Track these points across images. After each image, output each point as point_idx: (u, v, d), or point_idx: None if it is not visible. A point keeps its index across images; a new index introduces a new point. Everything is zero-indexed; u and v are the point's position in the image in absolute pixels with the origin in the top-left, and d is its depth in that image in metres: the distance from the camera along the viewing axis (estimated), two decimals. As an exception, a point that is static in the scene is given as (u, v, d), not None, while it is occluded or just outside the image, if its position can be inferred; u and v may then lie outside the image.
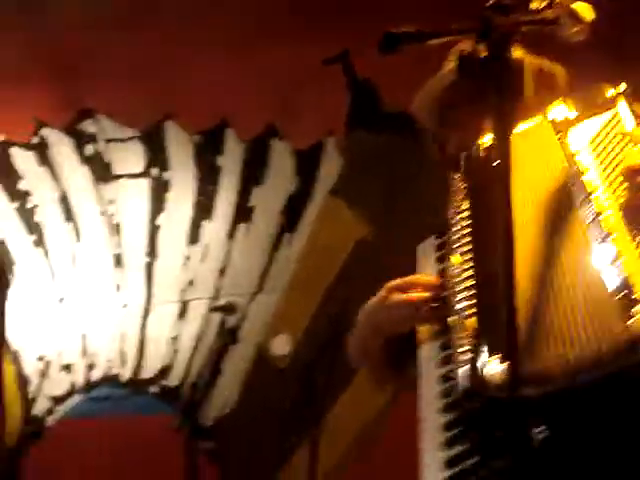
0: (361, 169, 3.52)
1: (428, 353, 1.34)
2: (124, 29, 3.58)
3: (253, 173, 3.59)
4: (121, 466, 3.45)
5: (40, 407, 3.53)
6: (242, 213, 3.58)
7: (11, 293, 3.57)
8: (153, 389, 3.51)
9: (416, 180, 3.22)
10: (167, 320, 3.53)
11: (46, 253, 3.66)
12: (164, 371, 3.51)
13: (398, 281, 1.41)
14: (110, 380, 3.54)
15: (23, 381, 3.54)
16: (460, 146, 1.49)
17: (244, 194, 3.58)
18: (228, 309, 3.35)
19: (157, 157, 3.62)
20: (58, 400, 3.55)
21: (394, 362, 1.46)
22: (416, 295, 1.37)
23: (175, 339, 3.51)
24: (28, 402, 3.51)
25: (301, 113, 3.56)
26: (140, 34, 3.57)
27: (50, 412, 3.54)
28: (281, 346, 3.34)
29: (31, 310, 3.59)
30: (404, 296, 1.38)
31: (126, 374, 3.54)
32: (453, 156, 1.49)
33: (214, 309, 3.39)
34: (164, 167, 3.61)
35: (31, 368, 3.55)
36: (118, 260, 3.61)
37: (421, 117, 1.57)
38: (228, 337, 3.39)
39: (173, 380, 3.49)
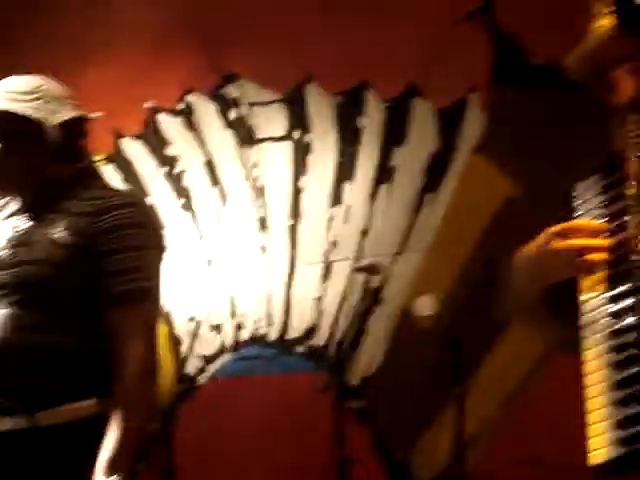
0: (506, 126, 3.43)
1: (594, 304, 1.27)
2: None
3: (394, 133, 3.55)
4: (269, 423, 3.52)
5: (192, 366, 3.65)
6: (383, 173, 3.55)
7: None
8: (300, 349, 3.56)
9: (568, 133, 3.11)
10: (311, 281, 3.57)
11: (194, 216, 3.75)
12: (310, 331, 3.55)
13: (560, 226, 1.32)
14: (258, 340, 3.62)
15: (175, 341, 3.66)
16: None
17: (385, 154, 3.56)
18: (371, 270, 3.35)
19: (299, 120, 3.64)
20: (209, 359, 3.66)
21: (553, 312, 1.40)
22: (582, 242, 1.30)
23: (320, 300, 3.54)
24: (180, 361, 3.63)
25: (442, 70, 3.49)
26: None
27: (201, 371, 3.65)
28: (425, 307, 3.31)
29: (181, 272, 3.70)
30: (569, 242, 1.30)
31: (273, 334, 3.61)
32: (629, 101, 1.38)
33: (358, 270, 3.39)
34: (306, 129, 3.63)
35: (182, 328, 3.67)
36: (263, 223, 3.67)
37: (580, 73, 1.48)
38: (372, 298, 3.39)
39: (319, 340, 3.53)
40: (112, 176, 3.83)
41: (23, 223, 2.12)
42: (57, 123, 2.11)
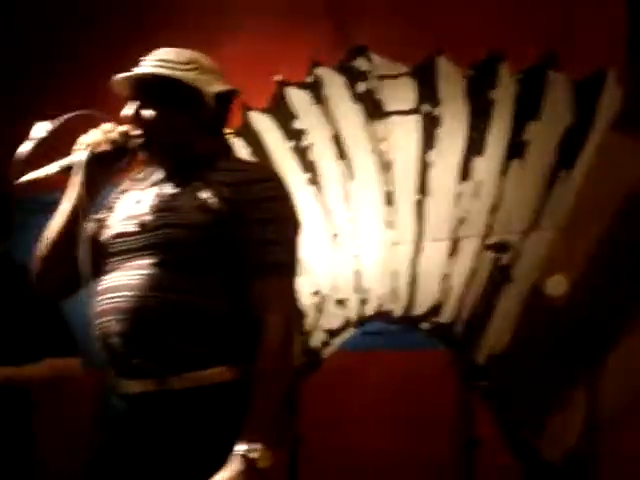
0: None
1: None
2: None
3: (527, 107, 3.44)
4: (393, 399, 3.50)
5: (316, 340, 3.66)
6: (515, 148, 3.45)
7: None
8: (425, 325, 3.52)
9: None
10: (438, 258, 3.51)
11: (320, 191, 3.75)
12: (436, 308, 3.50)
13: None
14: (383, 316, 3.60)
15: (301, 315, 3.68)
16: None
17: (517, 129, 3.45)
18: (501, 247, 3.28)
19: (428, 93, 3.57)
20: (333, 333, 3.66)
21: None
22: None
23: (446, 277, 3.49)
24: (305, 335, 3.64)
25: (578, 42, 3.37)
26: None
27: (326, 345, 3.66)
28: (556, 286, 3.22)
29: (307, 246, 3.70)
30: None
31: (398, 310, 3.58)
32: None
33: (487, 247, 3.32)
34: (435, 103, 3.56)
35: (307, 302, 3.68)
36: (389, 197, 3.63)
37: None
38: (501, 275, 3.32)
39: (445, 317, 3.48)
40: (240, 150, 3.86)
41: (168, 190, 2.16)
42: (213, 94, 2.15)
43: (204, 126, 2.18)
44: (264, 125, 3.86)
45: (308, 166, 3.78)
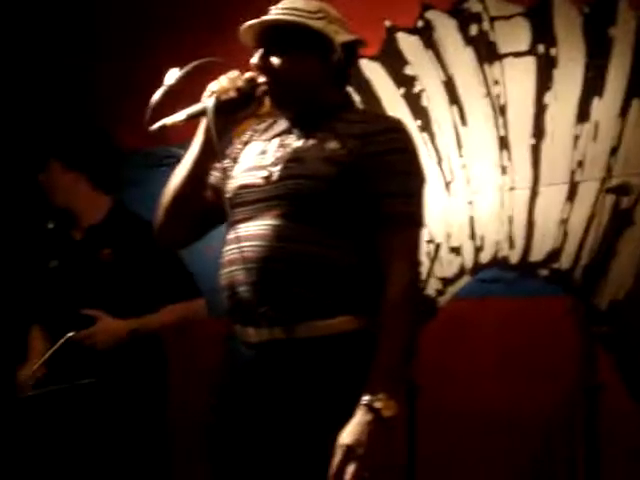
0: None
1: None
2: None
3: (649, 43, 3.31)
4: (510, 346, 3.46)
5: (431, 288, 3.64)
6: (635, 88, 3.31)
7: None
8: (543, 272, 3.44)
9: None
10: (555, 202, 3.42)
11: (432, 137, 3.70)
12: (554, 254, 3.42)
13: None
14: (499, 263, 3.54)
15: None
16: None
17: (638, 67, 3.32)
18: (622, 190, 3.17)
19: (543, 33, 3.45)
20: (448, 281, 3.63)
21: None
22: None
23: (564, 221, 3.40)
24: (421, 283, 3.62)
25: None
26: None
27: (441, 293, 3.63)
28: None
29: (420, 194, 3.67)
30: None
31: (515, 257, 3.51)
32: None
33: (607, 190, 3.22)
34: (551, 43, 3.44)
35: (422, 251, 3.64)
36: (504, 142, 3.55)
37: None
38: (622, 219, 3.22)
39: (564, 263, 3.40)
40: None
41: (292, 141, 2.16)
42: (341, 42, 2.14)
43: (330, 75, 2.17)
44: (374, 72, 3.82)
45: (419, 112, 3.72)
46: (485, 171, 3.58)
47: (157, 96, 2.14)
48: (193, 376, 3.60)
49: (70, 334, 2.95)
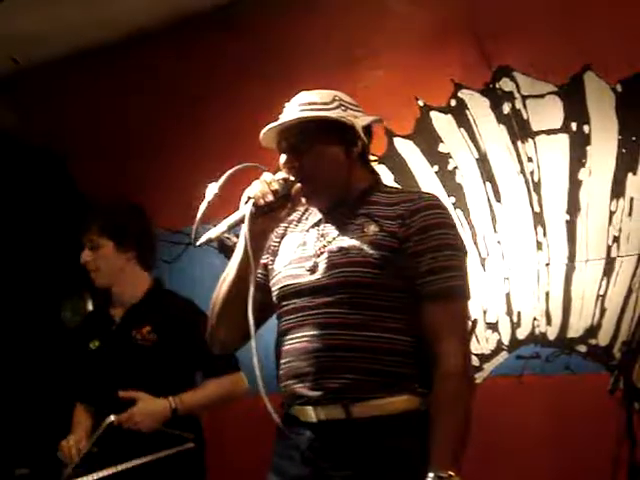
0: None
1: None
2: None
3: (681, 120, 3.33)
4: (549, 424, 3.41)
5: (468, 364, 3.60)
6: (670, 163, 3.34)
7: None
8: (581, 348, 3.41)
9: None
10: (592, 278, 3.41)
11: (467, 214, 3.72)
12: (592, 330, 3.39)
13: None
14: (536, 339, 3.51)
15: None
16: None
17: (671, 143, 3.34)
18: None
19: (576, 110, 3.48)
20: (485, 358, 3.61)
21: None
22: None
23: (602, 297, 3.38)
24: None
25: None
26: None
27: (478, 369, 3.60)
28: None
29: (455, 270, 3.68)
30: None
31: (552, 333, 3.48)
32: None
33: (644, 266, 3.21)
34: (584, 120, 3.46)
35: (465, 323, 3.64)
36: (538, 218, 3.56)
37: None
38: (660, 295, 3.20)
39: (602, 339, 3.36)
40: (385, 176, 3.88)
41: (330, 230, 2.20)
42: (363, 126, 2.19)
43: (357, 160, 2.24)
44: (408, 150, 3.87)
45: (454, 189, 3.75)
46: (520, 247, 3.58)
47: (201, 212, 2.19)
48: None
49: (112, 418, 2.94)
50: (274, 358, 2.22)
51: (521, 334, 3.56)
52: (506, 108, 3.64)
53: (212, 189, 2.22)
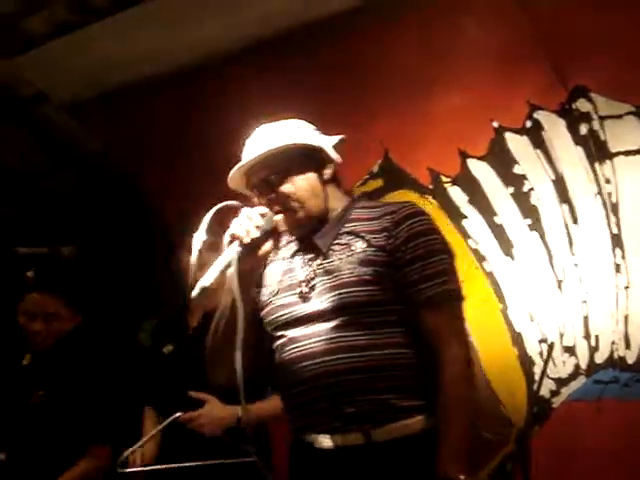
0: None
1: None
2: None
3: None
4: (628, 450, 3.33)
5: (545, 389, 3.55)
6: None
7: (511, 276, 3.68)
8: (663, 373, 3.35)
9: None
10: (673, 301, 3.35)
11: (542, 236, 3.67)
12: (671, 354, 3.32)
13: None
14: (615, 363, 3.45)
15: (528, 363, 3.60)
16: None
17: None
18: None
19: (655, 131, 3.44)
20: (563, 382, 3.55)
21: None
22: None
23: (682, 321, 3.31)
24: (534, 384, 3.55)
25: None
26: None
27: (555, 394, 3.55)
28: None
29: (531, 293, 3.64)
30: None
31: (631, 357, 3.41)
32: None
33: None
34: (663, 141, 3.42)
35: (534, 350, 3.60)
36: (617, 240, 3.50)
37: None
38: None
39: (681, 363, 3.30)
40: (458, 197, 3.87)
41: (317, 255, 2.20)
42: (332, 146, 2.22)
43: (330, 181, 2.25)
44: (483, 172, 3.85)
45: (529, 211, 3.71)
46: (598, 270, 3.53)
47: (193, 263, 2.18)
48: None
49: (178, 414, 2.97)
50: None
51: (599, 358, 3.49)
52: (583, 129, 3.59)
53: (198, 238, 2.19)
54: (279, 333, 2.21)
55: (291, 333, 2.17)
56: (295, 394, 2.16)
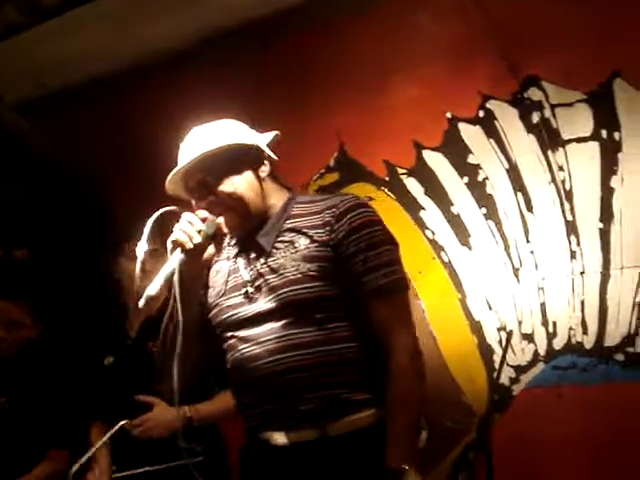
0: None
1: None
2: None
3: None
4: (586, 435, 3.37)
5: (505, 376, 3.58)
6: None
7: (468, 266, 3.70)
8: (618, 357, 3.38)
9: None
10: (628, 286, 3.37)
11: (498, 225, 3.70)
12: (629, 338, 3.35)
13: None
14: (573, 349, 3.48)
15: (487, 351, 3.62)
16: None
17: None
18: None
19: (606, 118, 3.46)
20: (521, 369, 3.58)
21: None
22: None
23: (638, 305, 3.35)
24: (493, 371, 3.57)
25: None
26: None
27: (515, 381, 3.58)
28: None
29: (489, 281, 3.66)
30: None
31: (589, 342, 3.45)
32: None
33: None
34: (614, 127, 3.44)
35: (493, 338, 3.62)
36: (571, 227, 3.53)
37: None
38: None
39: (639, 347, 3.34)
40: (414, 189, 3.88)
41: (260, 253, 2.19)
42: (267, 144, 2.22)
43: (267, 178, 2.26)
44: (438, 162, 3.86)
45: (484, 200, 3.73)
46: (554, 256, 3.56)
47: (138, 272, 2.18)
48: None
49: (123, 422, 2.96)
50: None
51: (557, 344, 3.53)
52: (535, 117, 3.62)
53: (141, 247, 2.20)
54: (228, 334, 2.20)
55: (239, 334, 2.16)
56: (247, 394, 2.16)
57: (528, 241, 3.63)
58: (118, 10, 4.03)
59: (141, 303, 2.06)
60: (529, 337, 3.58)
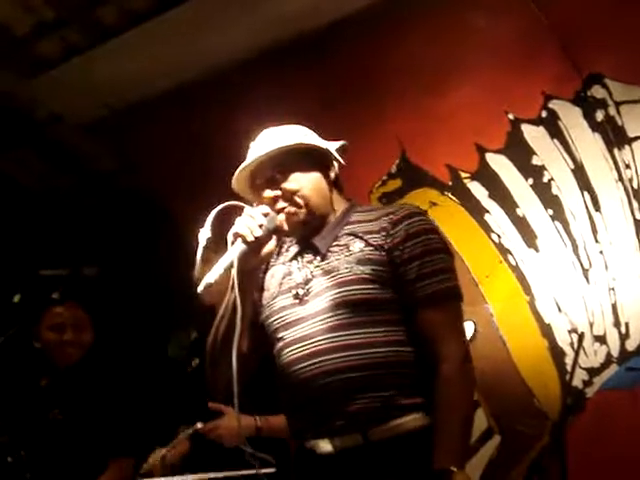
0: None
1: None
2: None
3: None
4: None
5: (578, 379, 3.52)
6: None
7: (536, 268, 3.65)
8: (694, 358, 3.31)
9: None
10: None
11: (565, 225, 3.65)
12: (703, 339, 3.29)
13: None
14: (646, 350, 3.42)
15: (558, 354, 3.57)
16: None
17: None
18: None
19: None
20: (595, 371, 3.52)
21: None
22: None
23: None
24: (566, 374, 3.52)
25: None
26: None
27: (588, 384, 3.52)
28: None
29: (558, 283, 3.61)
30: None
31: (663, 343, 3.39)
32: None
33: None
34: (682, 123, 3.39)
35: (565, 341, 3.57)
36: (640, 225, 3.48)
37: None
38: None
39: None
40: (478, 192, 3.84)
41: (316, 256, 2.20)
42: (336, 150, 2.22)
43: (333, 183, 2.27)
44: (501, 165, 3.82)
45: (550, 202, 3.68)
46: (624, 256, 3.49)
47: (199, 258, 2.19)
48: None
49: (199, 425, 2.99)
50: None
51: (631, 345, 3.46)
52: (599, 116, 3.56)
53: (203, 234, 2.20)
54: (278, 336, 2.21)
55: (289, 336, 2.17)
56: (294, 396, 2.16)
57: (597, 241, 3.57)
58: (176, 28, 4.09)
59: (200, 288, 2.08)
60: (601, 339, 3.51)
